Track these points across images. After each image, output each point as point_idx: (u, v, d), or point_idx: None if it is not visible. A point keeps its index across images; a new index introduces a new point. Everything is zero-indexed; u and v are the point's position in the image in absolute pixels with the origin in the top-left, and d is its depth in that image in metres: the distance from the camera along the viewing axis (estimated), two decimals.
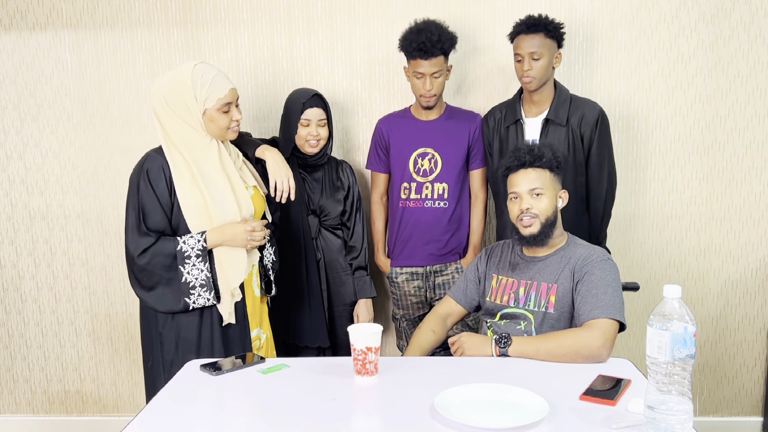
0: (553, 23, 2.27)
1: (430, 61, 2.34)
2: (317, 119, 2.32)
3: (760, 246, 2.72)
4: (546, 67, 2.27)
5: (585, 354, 1.66)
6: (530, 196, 1.87)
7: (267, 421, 1.41)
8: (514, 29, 2.31)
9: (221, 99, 1.91)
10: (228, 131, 1.95)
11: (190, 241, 1.88)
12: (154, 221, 1.90)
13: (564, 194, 1.94)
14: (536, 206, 1.86)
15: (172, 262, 1.87)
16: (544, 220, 1.86)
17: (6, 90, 2.81)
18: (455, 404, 1.39)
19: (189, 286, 1.88)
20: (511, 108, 2.42)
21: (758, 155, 2.66)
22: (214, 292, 1.91)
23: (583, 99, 2.39)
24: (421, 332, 1.99)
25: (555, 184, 1.91)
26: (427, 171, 2.48)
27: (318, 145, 2.35)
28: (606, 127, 2.36)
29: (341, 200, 2.45)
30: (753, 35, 2.58)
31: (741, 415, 2.85)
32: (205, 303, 1.91)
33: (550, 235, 1.88)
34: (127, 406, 3.02)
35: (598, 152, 2.34)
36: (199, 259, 1.88)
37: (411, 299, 2.56)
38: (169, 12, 2.72)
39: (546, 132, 2.32)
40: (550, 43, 2.27)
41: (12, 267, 2.94)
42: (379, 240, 2.64)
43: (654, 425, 1.22)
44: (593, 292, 1.77)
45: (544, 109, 2.35)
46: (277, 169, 2.06)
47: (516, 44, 2.30)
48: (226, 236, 1.90)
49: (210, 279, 1.89)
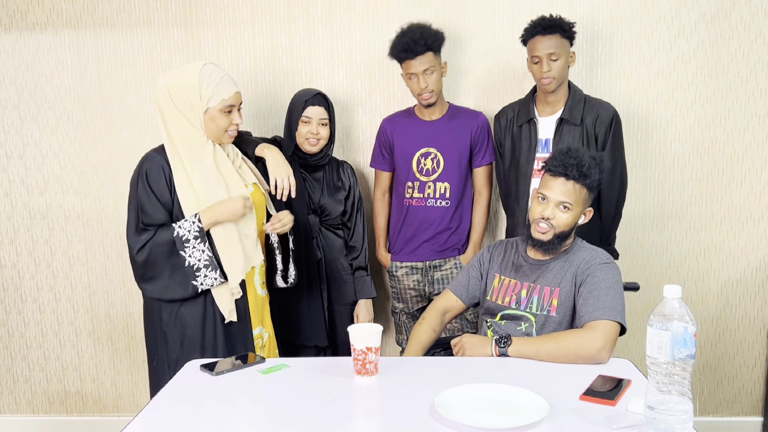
0: (568, 23, 2.27)
1: (417, 60, 2.36)
2: (318, 118, 2.33)
3: (760, 246, 2.72)
4: (564, 67, 2.27)
5: (585, 355, 1.66)
6: (558, 206, 1.83)
7: (267, 421, 1.41)
8: (529, 31, 2.29)
9: (225, 100, 1.92)
10: (225, 134, 1.96)
11: (185, 225, 1.88)
12: (152, 219, 1.90)
13: (589, 213, 1.89)
14: (558, 218, 1.83)
15: (172, 249, 1.87)
16: (558, 232, 1.84)
17: (6, 90, 2.81)
18: (455, 404, 1.39)
19: (194, 269, 1.88)
20: (524, 107, 2.41)
21: (758, 155, 2.66)
22: (220, 270, 1.91)
23: (597, 99, 2.38)
24: (421, 329, 1.99)
25: (586, 202, 1.87)
26: (430, 170, 2.49)
27: (318, 144, 2.35)
28: (619, 129, 2.36)
29: (342, 200, 2.45)
30: (753, 35, 2.58)
31: (741, 415, 2.85)
32: (213, 283, 1.90)
33: (558, 247, 1.87)
34: (127, 406, 3.02)
35: (612, 153, 2.33)
36: (198, 241, 1.88)
37: (410, 293, 2.59)
38: (169, 12, 2.72)
39: (560, 132, 2.32)
40: (566, 43, 2.27)
41: (12, 267, 2.94)
42: (380, 235, 2.66)
43: (654, 425, 1.22)
44: (595, 294, 1.77)
45: (558, 108, 2.35)
46: (277, 166, 2.07)
47: (532, 46, 2.28)
48: (218, 211, 1.89)
49: (213, 258, 1.89)
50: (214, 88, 1.90)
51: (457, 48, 2.67)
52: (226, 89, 1.93)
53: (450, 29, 2.63)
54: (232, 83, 1.95)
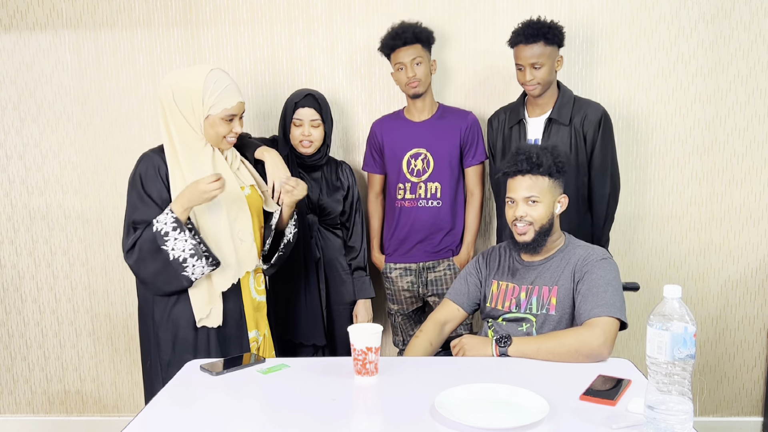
0: (552, 29, 2.24)
1: (406, 49, 2.39)
2: (309, 119, 2.34)
3: (760, 246, 2.72)
4: (548, 74, 2.27)
5: (586, 352, 1.66)
6: (526, 203, 1.86)
7: (267, 421, 1.41)
8: (513, 38, 2.29)
9: (227, 109, 1.90)
10: (224, 140, 1.95)
11: (161, 218, 1.83)
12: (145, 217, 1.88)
13: (563, 199, 1.92)
14: (531, 214, 1.85)
15: (155, 245, 1.84)
16: (538, 228, 1.85)
17: (6, 90, 2.81)
18: (455, 404, 1.39)
19: (180, 261, 1.83)
20: (515, 109, 2.42)
21: (758, 155, 2.66)
22: (208, 258, 1.86)
23: (585, 100, 2.39)
24: (418, 343, 1.96)
25: (554, 189, 1.89)
26: (420, 171, 2.50)
27: (312, 146, 2.36)
28: (609, 128, 2.36)
29: (340, 200, 2.45)
30: (753, 35, 2.58)
31: (741, 415, 2.85)
32: (204, 271, 1.86)
33: (543, 243, 1.88)
34: (127, 406, 3.02)
35: (601, 153, 2.34)
36: (178, 231, 1.82)
37: (404, 294, 2.59)
38: (169, 12, 2.72)
39: (549, 132, 2.32)
40: (551, 50, 2.26)
41: (12, 267, 2.94)
42: (374, 237, 2.66)
43: (654, 425, 1.22)
44: (593, 291, 1.77)
45: (548, 109, 2.35)
46: (276, 170, 2.07)
47: (516, 53, 2.29)
48: (186, 195, 1.82)
49: (197, 246, 1.84)
50: (218, 96, 1.89)
51: (456, 48, 2.67)
52: (229, 98, 1.90)
53: (449, 30, 2.64)
54: (236, 92, 1.93)
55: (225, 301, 1.95)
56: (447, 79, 2.70)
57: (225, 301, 1.95)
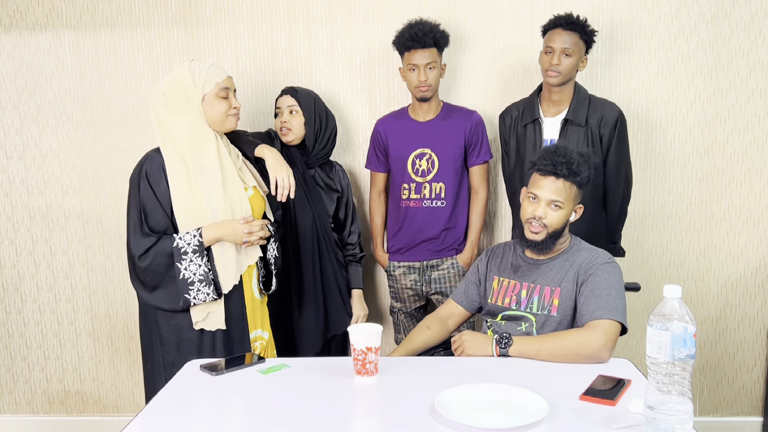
0: (591, 29, 2.29)
1: (423, 52, 2.37)
2: (286, 105, 2.39)
3: (760, 246, 2.72)
4: (573, 66, 2.28)
5: (586, 354, 1.66)
6: (549, 205, 1.84)
7: (267, 421, 1.41)
8: (552, 22, 2.30)
9: (219, 83, 1.96)
10: (227, 118, 1.98)
11: (186, 237, 1.88)
12: (155, 221, 1.90)
13: (579, 209, 1.90)
14: (549, 217, 1.83)
15: (171, 260, 1.88)
16: (551, 231, 1.85)
17: (6, 90, 2.81)
18: (455, 404, 1.39)
19: (187, 283, 1.88)
20: (528, 106, 2.42)
21: (758, 155, 2.66)
22: (214, 287, 1.90)
23: (602, 100, 2.39)
24: (416, 329, 2.01)
25: (576, 198, 1.88)
26: (425, 171, 2.50)
27: (290, 133, 2.38)
28: (624, 129, 2.37)
29: (334, 199, 2.47)
30: (753, 35, 2.58)
31: (741, 415, 2.85)
32: (206, 299, 1.90)
33: (552, 246, 1.88)
34: (127, 406, 3.02)
35: (617, 154, 2.35)
36: (197, 255, 1.88)
37: (408, 292, 2.59)
38: (169, 12, 2.72)
39: (565, 132, 2.32)
40: (582, 45, 2.29)
41: (12, 267, 2.94)
42: (377, 235, 2.66)
43: (654, 425, 1.22)
44: (596, 293, 1.77)
45: (563, 108, 2.35)
46: (278, 166, 2.07)
47: (550, 37, 2.30)
48: (224, 230, 1.91)
49: (208, 273, 1.89)
50: (206, 75, 1.95)
51: (456, 48, 2.67)
52: (217, 74, 1.98)
53: (449, 29, 2.63)
54: (221, 69, 2.01)
55: (227, 303, 1.96)
56: (446, 78, 2.69)
57: (227, 303, 1.96)
